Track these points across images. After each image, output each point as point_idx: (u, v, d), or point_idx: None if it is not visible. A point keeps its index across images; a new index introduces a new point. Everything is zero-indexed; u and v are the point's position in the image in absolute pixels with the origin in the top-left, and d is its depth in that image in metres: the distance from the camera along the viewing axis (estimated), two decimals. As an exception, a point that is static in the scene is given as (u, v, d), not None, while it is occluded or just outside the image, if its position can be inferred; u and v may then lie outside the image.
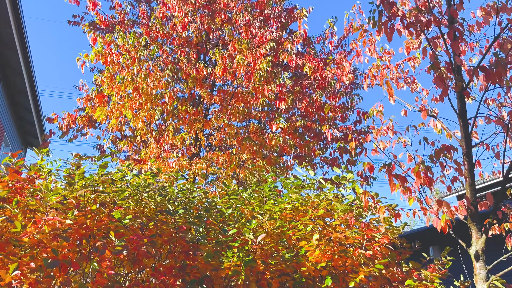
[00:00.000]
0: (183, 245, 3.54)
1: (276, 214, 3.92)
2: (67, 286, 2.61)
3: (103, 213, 3.26)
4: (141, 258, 3.35)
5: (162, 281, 3.24)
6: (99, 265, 2.81)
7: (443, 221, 2.70)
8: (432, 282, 3.43)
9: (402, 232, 4.10)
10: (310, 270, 3.51)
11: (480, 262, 2.63)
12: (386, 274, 3.71)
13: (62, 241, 2.79)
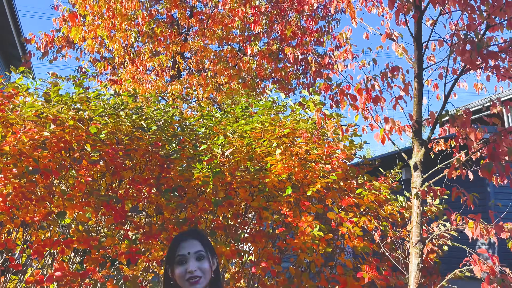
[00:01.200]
0: (158, 159, 3.84)
1: (246, 133, 4.20)
2: (49, 190, 2.91)
3: (81, 129, 3.48)
4: (119, 170, 3.65)
5: (139, 189, 3.58)
6: (77, 173, 3.10)
7: (381, 134, 3.02)
8: (381, 192, 3.86)
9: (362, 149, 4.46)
10: (274, 181, 3.88)
11: (418, 172, 2.99)
12: (344, 186, 4.13)
13: (42, 152, 3.04)
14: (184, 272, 1.52)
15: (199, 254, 1.56)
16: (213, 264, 1.62)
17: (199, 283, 1.52)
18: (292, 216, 3.71)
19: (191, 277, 1.51)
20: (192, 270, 1.51)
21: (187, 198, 3.80)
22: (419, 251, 2.89)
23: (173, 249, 1.60)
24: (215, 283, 1.61)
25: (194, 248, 1.57)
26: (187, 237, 1.63)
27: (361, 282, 3.52)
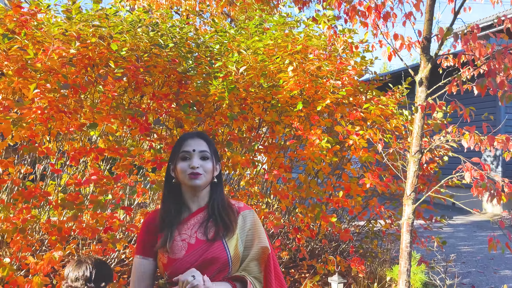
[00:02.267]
0: (176, 75, 4.04)
1: (260, 50, 4.31)
2: (80, 104, 3.20)
3: (102, 45, 3.66)
4: (140, 85, 3.89)
5: (159, 104, 3.84)
6: (104, 88, 3.35)
7: (388, 51, 3.12)
8: (388, 106, 4.05)
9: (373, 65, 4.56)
10: (286, 97, 4.09)
11: (422, 87, 3.14)
12: (353, 101, 4.31)
13: (70, 68, 3.27)
14: (187, 167, 1.51)
15: (204, 154, 1.54)
16: (216, 169, 1.59)
17: (199, 179, 1.50)
18: (302, 129, 3.97)
19: (192, 173, 1.50)
20: (195, 166, 1.50)
21: (204, 113, 4.07)
22: (417, 160, 3.17)
23: (178, 145, 1.58)
24: (216, 188, 1.60)
25: (200, 147, 1.55)
26: (194, 135, 1.60)
27: (364, 188, 3.88)
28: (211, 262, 1.48)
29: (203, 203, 1.58)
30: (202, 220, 1.54)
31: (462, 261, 5.89)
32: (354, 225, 5.36)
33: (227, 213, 1.56)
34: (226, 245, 1.51)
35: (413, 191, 3.17)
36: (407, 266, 3.16)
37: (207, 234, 1.50)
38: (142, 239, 1.58)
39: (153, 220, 1.59)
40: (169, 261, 1.49)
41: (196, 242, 1.50)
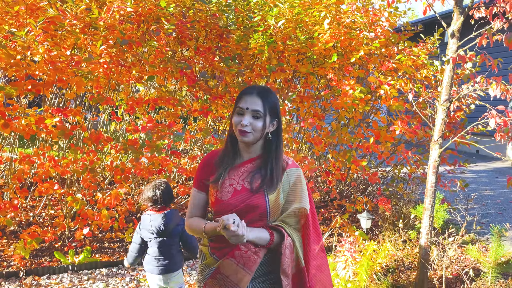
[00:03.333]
0: (217, 29, 4.30)
1: (296, 2, 4.49)
2: (136, 57, 3.54)
3: (150, 2, 3.93)
4: (185, 39, 4.18)
5: (204, 57, 4.15)
6: (159, 43, 3.67)
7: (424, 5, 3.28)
8: (419, 57, 4.24)
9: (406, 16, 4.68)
10: (321, 49, 4.31)
11: (454, 39, 3.32)
12: (385, 52, 4.50)
13: (126, 25, 3.58)
14: (238, 123, 1.59)
15: (257, 113, 1.58)
16: (269, 126, 1.63)
17: (246, 136, 1.57)
18: (336, 80, 4.23)
19: (241, 130, 1.57)
20: (244, 124, 1.57)
21: (244, 65, 4.36)
22: (446, 108, 3.42)
23: (238, 99, 1.64)
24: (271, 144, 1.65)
25: (253, 106, 1.58)
26: (252, 92, 1.62)
27: (393, 134, 4.18)
28: (252, 209, 1.58)
29: (254, 154, 1.66)
30: (251, 169, 1.64)
31: (482, 203, 6.23)
32: (381, 170, 5.71)
33: (276, 170, 1.63)
34: (267, 198, 1.60)
35: (440, 137, 3.45)
36: (431, 203, 3.52)
37: (252, 185, 1.60)
38: (199, 175, 1.70)
39: (211, 159, 1.70)
40: (216, 200, 1.62)
41: (241, 189, 1.60)
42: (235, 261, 1.56)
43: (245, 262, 1.55)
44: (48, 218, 4.53)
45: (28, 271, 3.77)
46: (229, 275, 1.56)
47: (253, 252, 1.56)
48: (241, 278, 1.55)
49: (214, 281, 1.60)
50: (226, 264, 1.57)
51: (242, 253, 1.55)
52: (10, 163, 4.24)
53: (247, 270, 1.56)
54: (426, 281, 3.58)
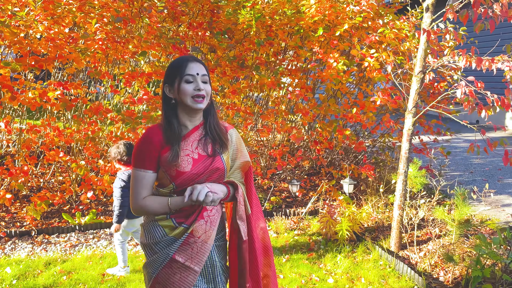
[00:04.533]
0: (209, 5, 4.51)
1: (285, -23, 4.64)
2: (131, 35, 3.80)
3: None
4: (178, 16, 4.41)
5: (195, 33, 4.38)
6: (150, 20, 3.91)
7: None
8: (402, 30, 4.40)
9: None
10: (308, 23, 4.50)
11: (428, 13, 3.46)
12: (371, 25, 4.67)
13: (119, 3, 3.82)
14: (191, 90, 1.59)
15: (205, 78, 1.64)
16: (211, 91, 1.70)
17: (202, 103, 1.61)
18: (322, 53, 4.44)
19: (197, 95, 1.59)
20: (201, 89, 1.60)
21: (235, 40, 4.58)
22: (420, 79, 3.63)
23: (180, 68, 1.62)
24: (210, 109, 1.71)
25: (202, 71, 1.63)
26: (192, 59, 1.64)
27: (375, 105, 4.41)
28: (213, 173, 1.68)
29: (198, 122, 1.70)
30: (199, 137, 1.68)
31: (470, 170, 6.46)
32: (370, 140, 5.96)
33: (222, 132, 1.74)
34: (223, 159, 1.72)
35: (414, 106, 3.68)
36: (404, 168, 3.79)
37: (207, 150, 1.68)
38: (146, 155, 1.62)
39: (156, 136, 1.63)
40: (178, 173, 1.61)
41: (199, 157, 1.66)
42: (204, 221, 1.67)
43: (212, 220, 1.69)
44: (57, 184, 4.93)
45: (39, 230, 4.19)
46: (200, 235, 1.66)
47: (216, 210, 1.72)
48: (210, 235, 1.68)
49: (186, 246, 1.65)
50: (198, 226, 1.65)
51: (209, 213, 1.69)
52: (20, 133, 4.60)
53: (214, 227, 1.70)
54: (399, 239, 3.90)
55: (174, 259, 1.65)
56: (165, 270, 1.66)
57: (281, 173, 5.61)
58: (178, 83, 1.62)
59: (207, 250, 1.68)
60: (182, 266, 1.65)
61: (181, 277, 1.65)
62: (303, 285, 3.40)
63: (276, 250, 4.03)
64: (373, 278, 3.50)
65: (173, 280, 1.65)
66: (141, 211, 1.66)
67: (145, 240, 1.71)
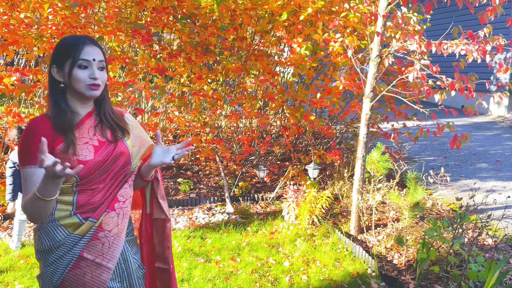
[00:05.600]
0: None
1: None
2: (88, 20, 3.77)
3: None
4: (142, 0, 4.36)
5: (159, 17, 4.35)
6: (106, 5, 3.88)
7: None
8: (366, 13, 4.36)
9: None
10: (273, 7, 4.46)
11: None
12: (338, 10, 4.62)
13: (77, -12, 3.78)
14: (86, 77, 1.45)
15: (102, 64, 1.50)
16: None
17: (98, 90, 1.48)
18: (286, 38, 4.42)
19: (93, 84, 1.46)
20: (97, 77, 1.46)
21: (199, 25, 4.55)
22: (377, 64, 3.61)
23: (72, 50, 1.46)
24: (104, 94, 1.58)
25: (99, 57, 1.48)
26: (88, 42, 1.48)
27: (338, 90, 4.40)
28: (117, 159, 1.57)
29: (90, 108, 1.56)
30: (94, 124, 1.56)
31: (445, 156, 6.49)
32: (343, 125, 5.96)
33: (118, 117, 1.63)
34: (126, 144, 1.61)
35: (371, 91, 3.68)
36: (363, 153, 3.81)
37: (107, 136, 1.56)
38: (30, 148, 1.43)
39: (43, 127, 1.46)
40: (80, 163, 1.46)
41: (99, 144, 1.53)
42: (116, 213, 1.55)
43: (124, 212, 1.58)
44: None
45: (5, 216, 4.23)
46: (111, 229, 1.54)
47: (128, 201, 1.61)
48: (122, 228, 1.58)
49: (95, 241, 1.51)
50: (108, 218, 1.53)
51: (121, 204, 1.58)
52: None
53: (126, 219, 1.59)
54: (358, 222, 3.94)
55: (82, 256, 1.49)
56: (72, 272, 1.49)
57: (253, 159, 5.63)
58: (70, 67, 1.44)
59: (121, 245, 1.56)
60: (92, 264, 1.51)
61: (93, 276, 1.50)
62: (259, 268, 3.45)
63: (239, 234, 4.08)
64: (328, 261, 3.55)
65: (83, 281, 1.50)
66: (27, 211, 1.41)
67: (43, 245, 1.50)
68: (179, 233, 4.08)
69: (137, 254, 1.74)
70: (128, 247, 1.66)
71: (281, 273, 3.36)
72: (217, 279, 3.28)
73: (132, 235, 1.74)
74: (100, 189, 1.54)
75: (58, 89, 1.49)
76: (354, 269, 3.43)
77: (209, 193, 5.05)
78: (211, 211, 4.68)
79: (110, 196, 1.56)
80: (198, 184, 5.30)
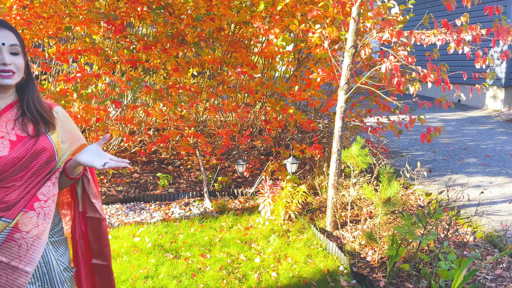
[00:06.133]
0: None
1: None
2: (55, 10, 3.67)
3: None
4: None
5: (133, 7, 4.24)
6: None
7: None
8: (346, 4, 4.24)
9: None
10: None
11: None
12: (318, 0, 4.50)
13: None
14: None
15: (15, 49, 1.39)
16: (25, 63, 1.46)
17: (11, 78, 1.38)
18: (264, 29, 4.30)
19: (4, 70, 1.36)
20: (7, 63, 1.36)
21: (175, 15, 4.44)
22: (351, 55, 3.49)
23: None
24: (28, 84, 1.49)
25: (10, 41, 1.38)
26: (1, 25, 1.38)
27: (320, 82, 4.29)
28: (38, 155, 1.46)
29: (11, 100, 1.46)
30: (15, 117, 1.45)
31: (433, 150, 6.36)
32: (327, 119, 5.85)
33: (45, 109, 1.52)
34: (50, 139, 1.50)
35: (346, 83, 3.56)
36: (338, 147, 3.70)
37: (28, 130, 1.45)
38: None
39: None
40: None
41: (18, 139, 1.43)
42: (36, 213, 1.46)
43: (46, 212, 1.48)
44: None
45: None
46: (30, 230, 1.44)
47: (51, 200, 1.51)
48: (44, 229, 1.48)
49: (11, 243, 1.42)
50: (25, 218, 1.44)
51: (42, 203, 1.48)
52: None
53: (48, 219, 1.49)
54: (334, 218, 3.84)
55: None
56: None
57: (235, 154, 5.54)
58: None
59: (41, 247, 1.46)
60: (7, 267, 1.41)
61: (8, 280, 1.41)
62: (228, 265, 3.36)
63: (213, 230, 3.99)
64: (299, 257, 3.46)
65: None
66: None
67: None
68: (152, 229, 4.00)
69: (64, 256, 1.64)
70: (51, 248, 1.56)
71: (250, 270, 3.28)
72: (184, 276, 3.20)
73: (60, 236, 1.64)
74: (16, 187, 1.43)
75: None
76: (326, 266, 3.34)
77: (188, 188, 4.96)
78: (188, 206, 4.60)
79: (29, 194, 1.46)
80: (178, 178, 5.21)
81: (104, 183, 5.00)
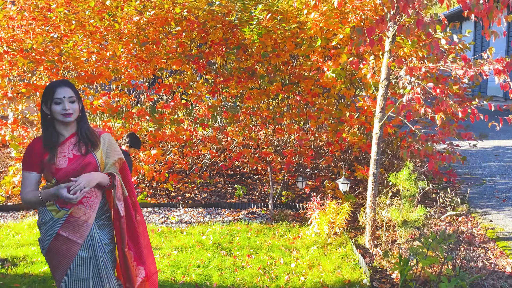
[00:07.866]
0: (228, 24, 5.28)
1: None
2: (149, 54, 4.83)
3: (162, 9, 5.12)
4: (203, 35, 5.30)
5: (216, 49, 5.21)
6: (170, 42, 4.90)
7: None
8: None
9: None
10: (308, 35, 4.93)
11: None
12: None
13: (149, 30, 4.89)
14: (60, 110, 2.10)
15: (72, 99, 2.13)
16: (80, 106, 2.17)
17: (70, 117, 2.13)
18: (321, 61, 4.84)
19: (66, 114, 2.11)
20: (67, 109, 2.10)
21: (248, 54, 5.28)
22: (384, 86, 3.80)
23: (50, 93, 2.11)
24: (82, 119, 2.22)
25: (68, 94, 2.12)
26: (61, 84, 2.14)
27: (367, 110, 4.61)
28: (86, 167, 2.17)
29: (72, 131, 2.21)
30: (74, 142, 2.20)
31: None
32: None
33: (92, 136, 2.24)
34: (94, 155, 2.21)
35: (380, 112, 3.87)
36: (374, 170, 3.99)
37: (81, 150, 2.19)
38: (28, 158, 2.16)
39: (37, 145, 2.16)
40: (57, 170, 2.12)
41: (73, 156, 2.18)
42: (83, 205, 2.18)
43: (90, 205, 2.20)
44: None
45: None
46: (80, 216, 2.17)
47: (95, 197, 2.23)
48: (89, 216, 2.19)
49: (68, 224, 2.16)
50: (77, 209, 2.16)
51: (88, 199, 2.19)
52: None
53: (93, 210, 2.21)
54: (370, 234, 4.13)
55: (59, 233, 2.15)
56: (53, 243, 2.17)
57: (307, 172, 6.08)
58: (50, 104, 2.12)
59: (88, 228, 2.19)
60: (66, 239, 2.16)
61: (67, 247, 2.17)
62: (267, 266, 3.96)
63: (266, 237, 4.62)
64: (330, 267, 3.87)
65: (61, 250, 2.17)
66: (25, 201, 2.20)
67: (39, 220, 2.23)
68: (217, 230, 4.82)
69: (108, 235, 2.32)
70: (97, 229, 2.26)
71: (283, 272, 3.82)
72: (228, 270, 3.90)
73: (106, 221, 2.33)
74: None
75: (47, 119, 2.18)
76: (350, 278, 3.69)
77: (259, 199, 5.69)
78: (254, 214, 5.32)
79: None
80: (252, 190, 5.98)
81: (194, 190, 6.05)
